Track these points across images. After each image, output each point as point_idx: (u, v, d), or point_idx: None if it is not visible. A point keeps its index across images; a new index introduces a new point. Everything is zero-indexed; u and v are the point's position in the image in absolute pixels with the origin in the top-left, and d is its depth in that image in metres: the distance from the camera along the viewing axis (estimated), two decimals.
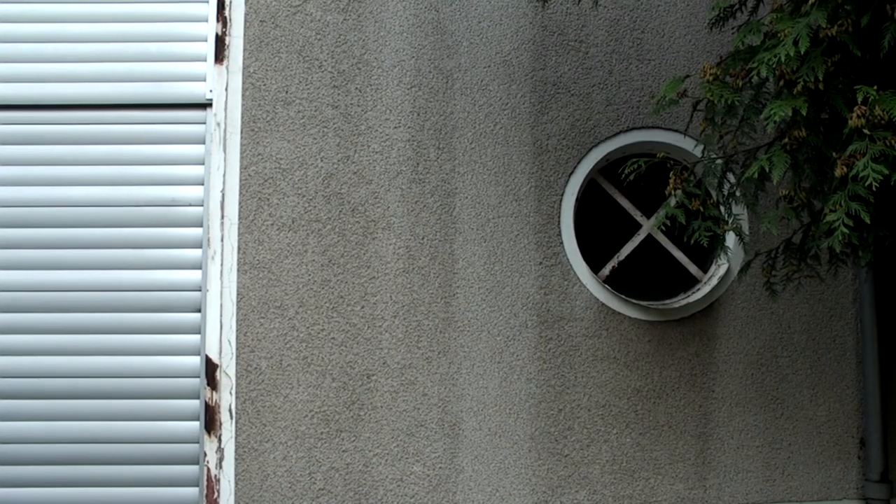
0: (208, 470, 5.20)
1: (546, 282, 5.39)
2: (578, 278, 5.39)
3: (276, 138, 5.41)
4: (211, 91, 5.46)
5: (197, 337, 5.32)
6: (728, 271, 5.38)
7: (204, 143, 5.44)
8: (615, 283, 5.53)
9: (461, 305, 5.36)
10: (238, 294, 5.30)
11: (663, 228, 4.29)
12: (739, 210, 5.14)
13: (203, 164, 5.43)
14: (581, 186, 5.48)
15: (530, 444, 5.31)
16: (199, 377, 5.29)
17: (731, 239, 5.21)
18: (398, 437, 5.27)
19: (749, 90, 3.94)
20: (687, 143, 5.37)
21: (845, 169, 3.37)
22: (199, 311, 5.33)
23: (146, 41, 5.55)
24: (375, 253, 5.37)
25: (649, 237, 5.58)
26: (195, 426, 5.26)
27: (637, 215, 5.58)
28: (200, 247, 5.37)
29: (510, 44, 5.57)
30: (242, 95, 5.44)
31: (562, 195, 5.45)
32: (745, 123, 4.05)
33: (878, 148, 3.26)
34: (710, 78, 3.93)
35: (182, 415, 5.28)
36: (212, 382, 5.24)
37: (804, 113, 3.47)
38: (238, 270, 5.32)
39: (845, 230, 3.34)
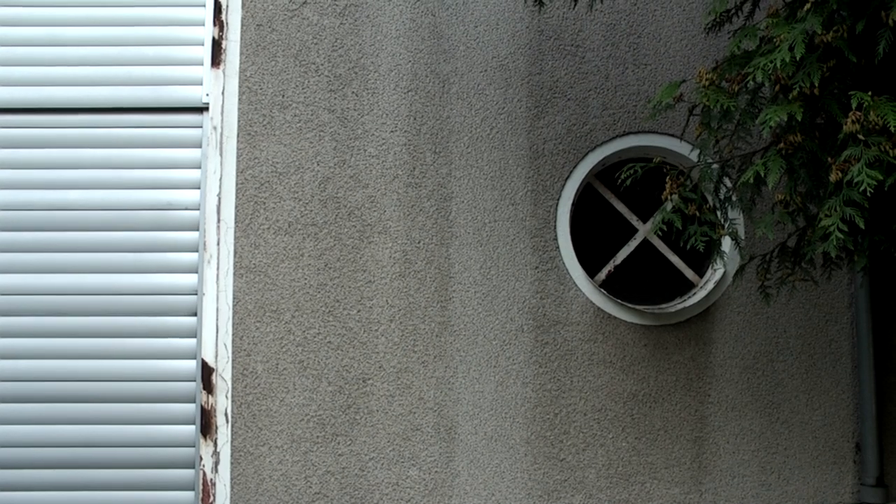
0: (204, 474, 5.20)
1: (542, 286, 5.40)
2: (574, 282, 5.40)
3: (272, 142, 5.42)
4: (207, 95, 5.47)
5: (193, 341, 5.32)
6: (724, 276, 5.39)
7: (200, 146, 5.44)
8: (611, 287, 5.54)
9: (457, 309, 5.36)
10: (234, 298, 5.30)
11: (660, 233, 4.29)
12: (735, 215, 5.16)
13: (199, 167, 5.43)
14: (577, 191, 5.49)
15: (526, 449, 5.31)
16: (195, 381, 5.29)
17: (727, 243, 5.23)
18: (394, 441, 5.27)
19: (745, 95, 3.95)
20: (683, 148, 5.39)
21: (840, 174, 3.38)
22: (195, 314, 5.33)
23: (143, 45, 5.55)
24: (371, 257, 5.37)
25: (645, 241, 5.58)
26: (191, 430, 5.26)
27: (633, 220, 5.59)
28: (197, 251, 5.37)
29: (506, 48, 5.57)
30: (239, 99, 5.45)
31: (558, 199, 5.46)
32: (741, 128, 4.06)
33: (873, 153, 3.26)
34: (706, 83, 3.93)
35: (178, 418, 5.28)
36: (208, 386, 5.24)
37: (799, 118, 3.48)
38: (234, 274, 5.32)
39: (840, 235, 3.35)
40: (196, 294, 5.34)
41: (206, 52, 5.53)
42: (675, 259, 5.57)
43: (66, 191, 5.40)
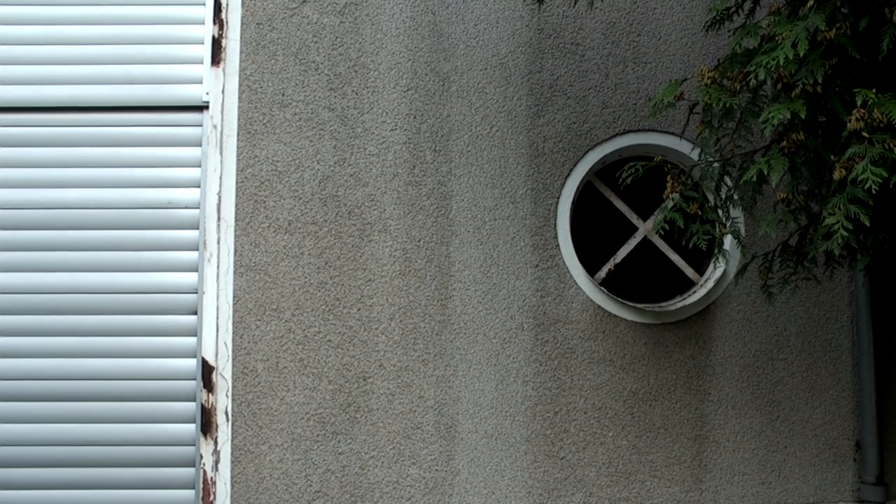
0: (204, 472, 5.20)
1: (542, 284, 5.40)
2: (575, 281, 5.40)
3: (272, 141, 5.41)
4: (207, 93, 5.46)
5: (193, 339, 5.31)
6: (724, 274, 5.39)
7: (200, 145, 5.44)
8: (611, 285, 5.54)
9: (457, 308, 5.36)
10: (234, 296, 5.30)
11: (661, 232, 4.29)
12: (737, 213, 5.15)
13: (199, 166, 5.42)
14: (577, 189, 5.49)
15: (526, 447, 5.31)
16: (195, 380, 5.28)
17: (728, 242, 5.23)
18: (394, 439, 5.27)
19: (746, 93, 3.94)
20: (684, 147, 5.39)
21: (844, 172, 3.38)
22: (195, 313, 5.32)
23: (143, 43, 5.55)
24: (372, 255, 5.37)
25: (646, 240, 5.58)
26: (191, 428, 5.26)
27: (633, 218, 5.59)
28: (197, 249, 5.37)
29: (506, 46, 5.57)
30: (239, 98, 5.44)
31: (558, 198, 5.46)
32: (743, 126, 4.05)
33: (877, 151, 3.26)
34: (708, 81, 3.93)
35: (178, 417, 5.27)
36: (208, 385, 5.24)
37: (802, 116, 3.47)
38: (234, 273, 5.31)
39: (844, 233, 3.35)
40: (196, 292, 5.34)
41: (206, 51, 5.52)
42: (675, 257, 5.58)
43: (67, 189, 5.40)
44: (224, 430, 5.23)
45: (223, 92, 5.45)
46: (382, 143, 5.45)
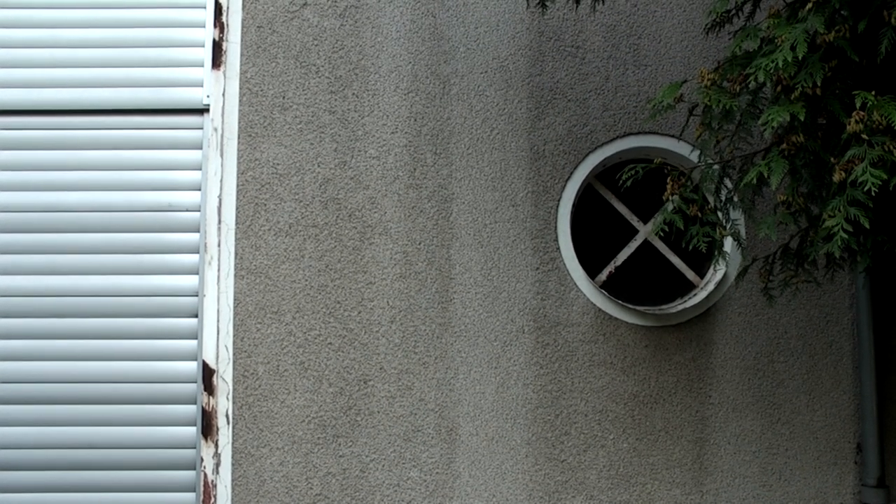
0: (205, 475, 5.20)
1: (543, 287, 5.39)
2: (575, 283, 5.39)
3: (273, 143, 5.41)
4: (208, 96, 5.46)
5: (194, 342, 5.31)
6: (725, 277, 5.38)
7: (201, 148, 5.44)
8: (612, 288, 5.54)
9: (458, 311, 5.36)
10: (235, 299, 5.30)
11: (661, 234, 4.28)
12: (737, 215, 5.15)
13: (200, 169, 5.43)
14: (578, 192, 5.49)
15: (527, 450, 5.30)
16: (196, 382, 5.28)
17: (728, 244, 5.23)
18: (395, 442, 5.27)
19: (746, 95, 3.94)
20: (683, 149, 5.39)
21: (844, 174, 3.38)
22: (196, 316, 5.32)
23: (143, 46, 5.55)
24: (372, 258, 5.37)
25: (646, 242, 5.58)
26: (192, 431, 5.26)
27: (634, 220, 5.58)
28: (197, 252, 5.37)
29: (507, 49, 5.57)
30: (240, 101, 5.44)
31: (559, 200, 5.46)
32: (743, 129, 4.05)
33: (877, 153, 3.26)
34: (708, 83, 3.92)
35: (179, 420, 5.27)
36: (209, 388, 5.24)
37: (802, 118, 3.47)
38: (235, 276, 5.31)
39: (844, 235, 3.34)
40: (197, 295, 5.34)
41: (206, 54, 5.52)
42: (675, 260, 5.57)
43: (67, 192, 5.40)
44: (225, 433, 5.22)
45: (224, 95, 5.46)
46: (383, 145, 5.45)
